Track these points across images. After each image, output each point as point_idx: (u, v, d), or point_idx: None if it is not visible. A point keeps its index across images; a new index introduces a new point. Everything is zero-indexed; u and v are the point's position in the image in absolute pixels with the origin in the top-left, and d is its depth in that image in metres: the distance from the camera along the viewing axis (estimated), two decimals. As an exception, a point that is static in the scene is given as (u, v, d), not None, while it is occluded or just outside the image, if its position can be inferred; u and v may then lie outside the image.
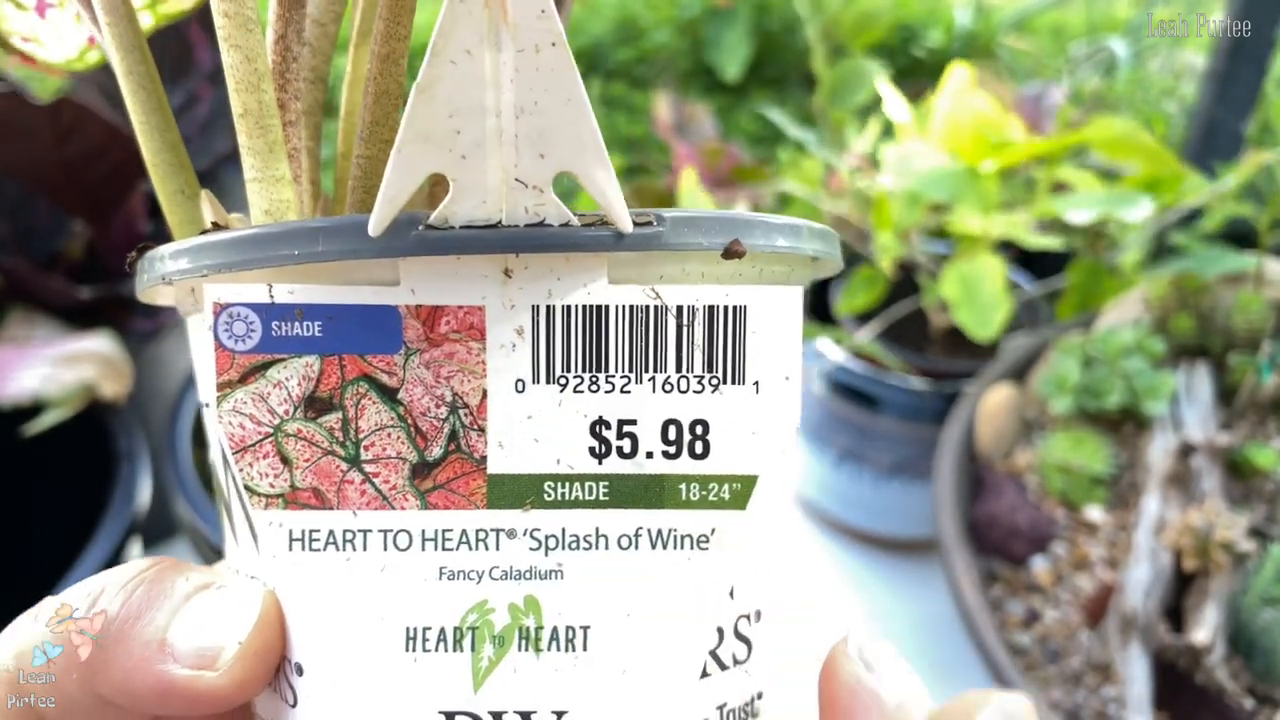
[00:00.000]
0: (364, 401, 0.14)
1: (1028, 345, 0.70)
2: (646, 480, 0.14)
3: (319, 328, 0.14)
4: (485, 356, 0.14)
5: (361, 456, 0.14)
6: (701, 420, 0.14)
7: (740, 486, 0.15)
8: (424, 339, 0.14)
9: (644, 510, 0.14)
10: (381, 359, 0.14)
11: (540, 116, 0.13)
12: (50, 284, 0.61)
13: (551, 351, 0.14)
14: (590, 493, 0.14)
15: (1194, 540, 0.53)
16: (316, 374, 0.14)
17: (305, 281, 0.14)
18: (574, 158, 0.13)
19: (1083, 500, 0.62)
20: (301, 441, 0.14)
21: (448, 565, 0.14)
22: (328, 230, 0.13)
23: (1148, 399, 0.63)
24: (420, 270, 0.13)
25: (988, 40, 1.26)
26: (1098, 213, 0.61)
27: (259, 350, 0.14)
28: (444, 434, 0.14)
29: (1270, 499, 0.60)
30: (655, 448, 0.14)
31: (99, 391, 0.57)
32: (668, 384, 0.14)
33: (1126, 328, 0.66)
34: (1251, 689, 0.51)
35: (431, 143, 0.13)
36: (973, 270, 0.63)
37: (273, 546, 0.14)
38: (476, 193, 0.13)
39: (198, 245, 0.14)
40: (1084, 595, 0.58)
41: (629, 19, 1.41)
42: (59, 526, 0.55)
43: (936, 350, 0.79)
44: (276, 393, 0.14)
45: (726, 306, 0.14)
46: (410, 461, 0.14)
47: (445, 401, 0.14)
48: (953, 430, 0.64)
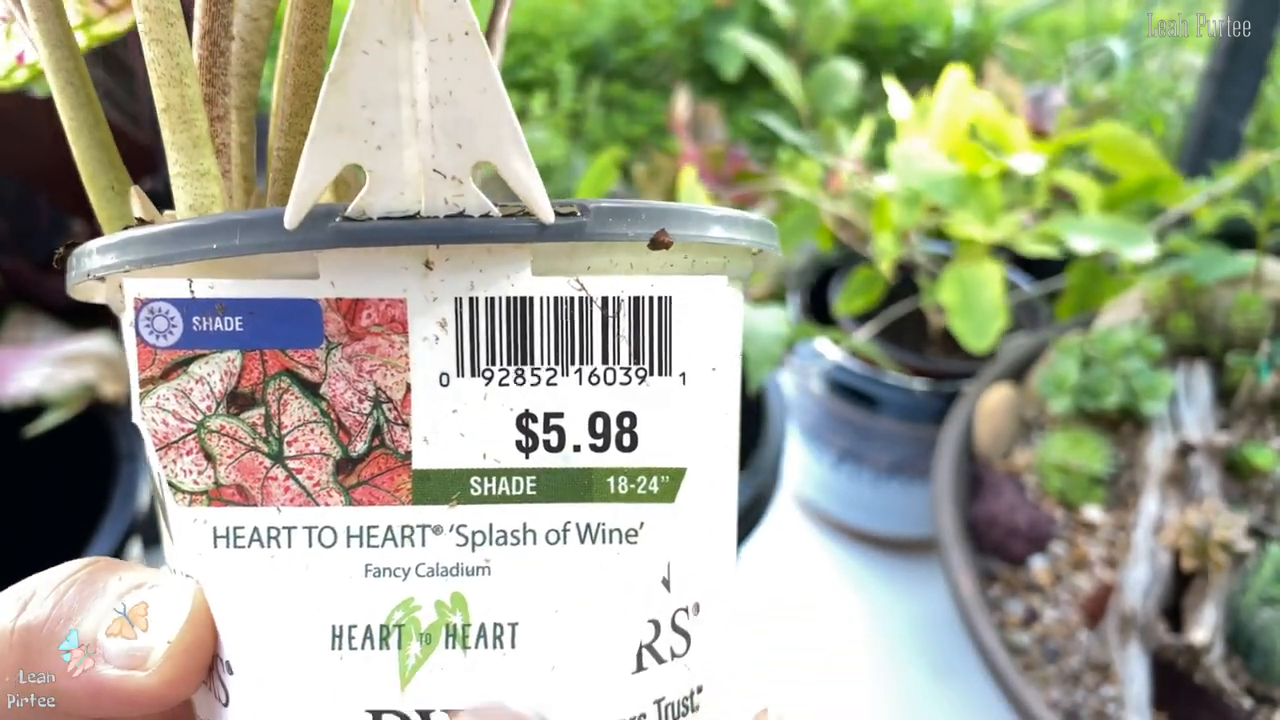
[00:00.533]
0: (286, 396, 0.14)
1: (1026, 345, 0.70)
2: (574, 474, 0.14)
3: (240, 322, 0.13)
4: (408, 350, 0.14)
5: (285, 453, 0.14)
6: (629, 413, 0.14)
7: (669, 479, 0.15)
8: (345, 332, 0.14)
9: (572, 504, 0.14)
10: (303, 353, 0.13)
11: (456, 106, 0.13)
12: (50, 284, 0.62)
13: (476, 344, 0.14)
14: (517, 487, 0.14)
15: (1193, 540, 0.53)
16: (238, 369, 0.14)
17: (225, 276, 0.13)
18: (492, 148, 0.13)
19: (1081, 500, 0.62)
20: (224, 438, 0.14)
21: (373, 562, 0.14)
22: (245, 223, 0.13)
23: (1146, 399, 0.63)
24: (339, 263, 0.13)
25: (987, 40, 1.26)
26: (1101, 244, 0.61)
27: (180, 346, 0.14)
28: (368, 429, 0.14)
29: (1269, 499, 0.60)
30: (583, 441, 0.14)
31: (99, 392, 0.57)
32: (594, 376, 0.14)
33: (1125, 328, 0.67)
34: (1250, 688, 0.51)
35: (346, 133, 0.13)
36: (972, 276, 0.63)
37: (198, 544, 0.14)
38: (394, 184, 0.13)
39: (121, 241, 0.14)
40: (1083, 595, 0.58)
41: (629, 19, 1.41)
42: (60, 526, 0.55)
43: (935, 350, 0.79)
44: (199, 388, 0.14)
45: (651, 298, 0.14)
46: (334, 457, 0.14)
47: (368, 396, 0.14)
48: (951, 430, 0.64)
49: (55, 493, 0.61)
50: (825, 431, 0.79)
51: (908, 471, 0.76)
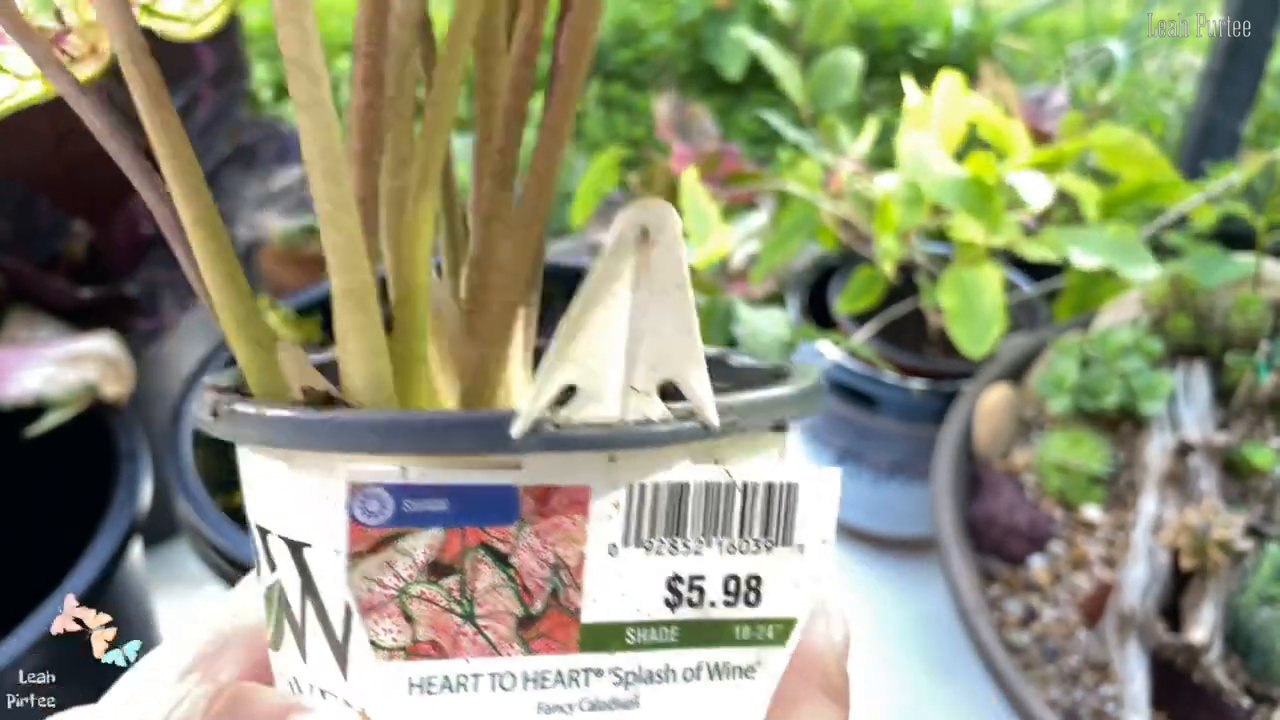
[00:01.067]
0: (480, 565, 0.16)
1: (1025, 345, 0.70)
2: (710, 625, 0.17)
3: (445, 504, 0.15)
4: (587, 526, 0.16)
5: (475, 613, 0.16)
6: (756, 575, 0.17)
7: (783, 627, 0.18)
8: (536, 512, 0.16)
9: (706, 649, 0.17)
10: (498, 530, 0.16)
11: (660, 340, 0.16)
12: (52, 285, 0.62)
13: (641, 521, 0.16)
14: (664, 636, 0.17)
15: (1191, 539, 0.53)
16: (440, 543, 0.16)
17: (435, 464, 0.15)
18: (679, 369, 0.16)
19: (1080, 499, 0.62)
20: (424, 602, 0.16)
21: (544, 701, 0.16)
22: (468, 425, 0.15)
23: (1145, 399, 0.63)
24: (540, 459, 0.16)
25: (986, 41, 1.26)
26: (1102, 261, 0.62)
27: (390, 524, 0.15)
28: (546, 591, 0.16)
29: (1267, 498, 0.61)
30: (718, 598, 0.17)
31: (101, 392, 0.57)
32: (731, 547, 0.17)
33: (1124, 327, 0.67)
34: (1249, 688, 0.51)
35: (573, 362, 0.15)
36: (972, 280, 0.64)
37: (392, 692, 0.16)
38: (598, 398, 0.16)
39: (333, 423, 0.16)
40: (1082, 594, 0.58)
41: (628, 20, 1.41)
42: (61, 526, 0.55)
43: (934, 350, 0.79)
44: (403, 560, 0.15)
45: (781, 484, 0.17)
46: (517, 615, 0.16)
47: (549, 563, 0.16)
48: (950, 430, 0.64)
49: (56, 493, 0.61)
50: (824, 431, 0.79)
51: (907, 471, 0.76)
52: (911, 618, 0.75)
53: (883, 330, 0.76)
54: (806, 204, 0.73)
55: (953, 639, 0.56)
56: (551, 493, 0.16)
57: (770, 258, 0.74)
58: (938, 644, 0.72)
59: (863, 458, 0.77)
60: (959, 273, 0.65)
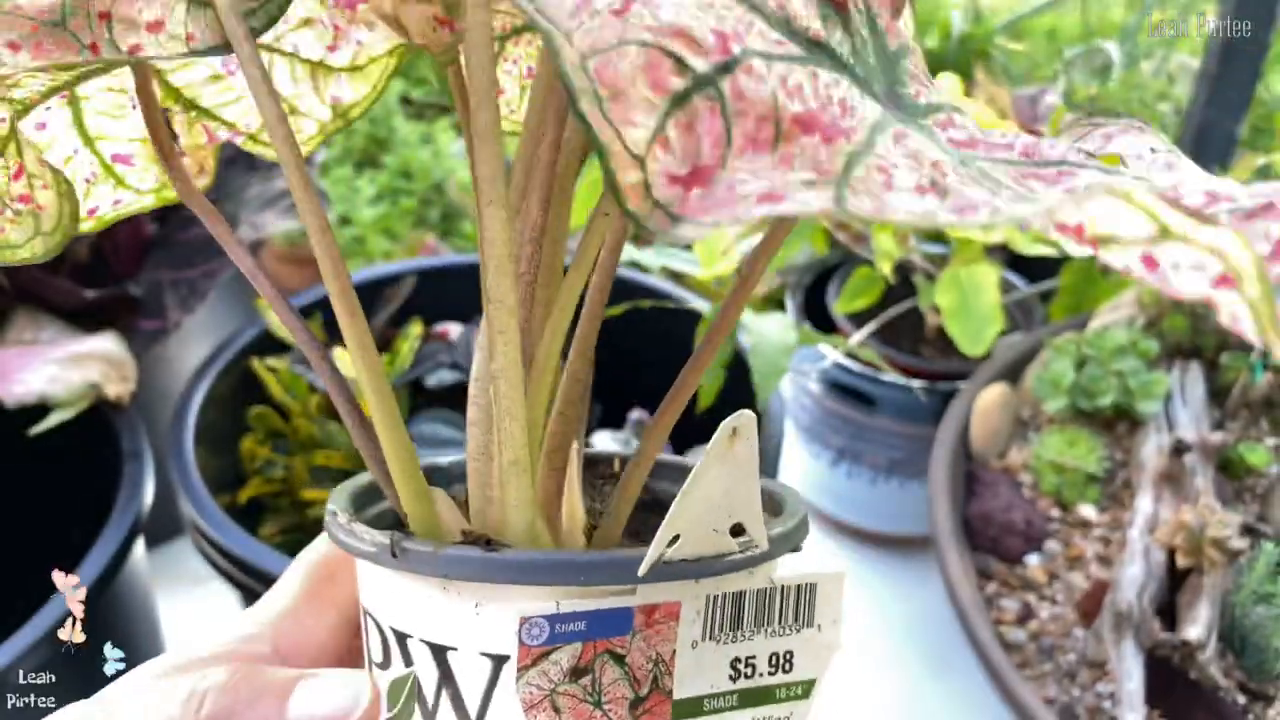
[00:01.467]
0: (606, 666, 0.21)
1: (1022, 345, 0.71)
2: (760, 689, 0.23)
3: (585, 625, 0.21)
4: (678, 629, 0.22)
5: (603, 701, 0.21)
6: (790, 650, 0.23)
7: (808, 685, 0.24)
8: (644, 625, 0.21)
9: (757, 707, 0.23)
10: (619, 639, 0.21)
11: (733, 499, 0.21)
12: (56, 286, 0.62)
13: (713, 622, 0.22)
14: (728, 702, 0.23)
15: (1187, 538, 0.53)
16: (579, 653, 0.21)
17: (576, 596, 0.21)
18: (745, 517, 0.21)
19: (1076, 498, 0.63)
20: (568, 698, 0.21)
21: None
22: (608, 565, 0.21)
23: (1141, 398, 0.63)
24: (651, 586, 0.21)
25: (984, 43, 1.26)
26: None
27: (545, 644, 0.21)
28: (649, 679, 0.22)
29: (1262, 497, 0.61)
30: (765, 670, 0.23)
31: (104, 392, 0.57)
32: (773, 631, 0.23)
33: (1120, 328, 0.67)
34: (1243, 685, 0.52)
35: (681, 522, 0.20)
36: (969, 279, 0.64)
37: None
38: (691, 541, 0.21)
39: (511, 562, 0.21)
40: (1078, 592, 0.58)
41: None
42: (65, 524, 0.55)
43: (931, 350, 0.80)
44: (554, 669, 0.21)
45: (805, 585, 0.23)
46: (629, 699, 0.22)
47: (650, 659, 0.22)
48: (947, 429, 0.65)
49: (60, 492, 0.61)
50: (823, 430, 0.79)
51: (904, 470, 0.77)
52: (909, 615, 0.75)
53: (880, 330, 0.76)
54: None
55: (950, 636, 0.56)
56: (654, 609, 0.21)
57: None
58: (935, 641, 0.73)
59: (861, 456, 0.78)
60: (956, 272, 0.65)
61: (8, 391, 0.54)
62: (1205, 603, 0.52)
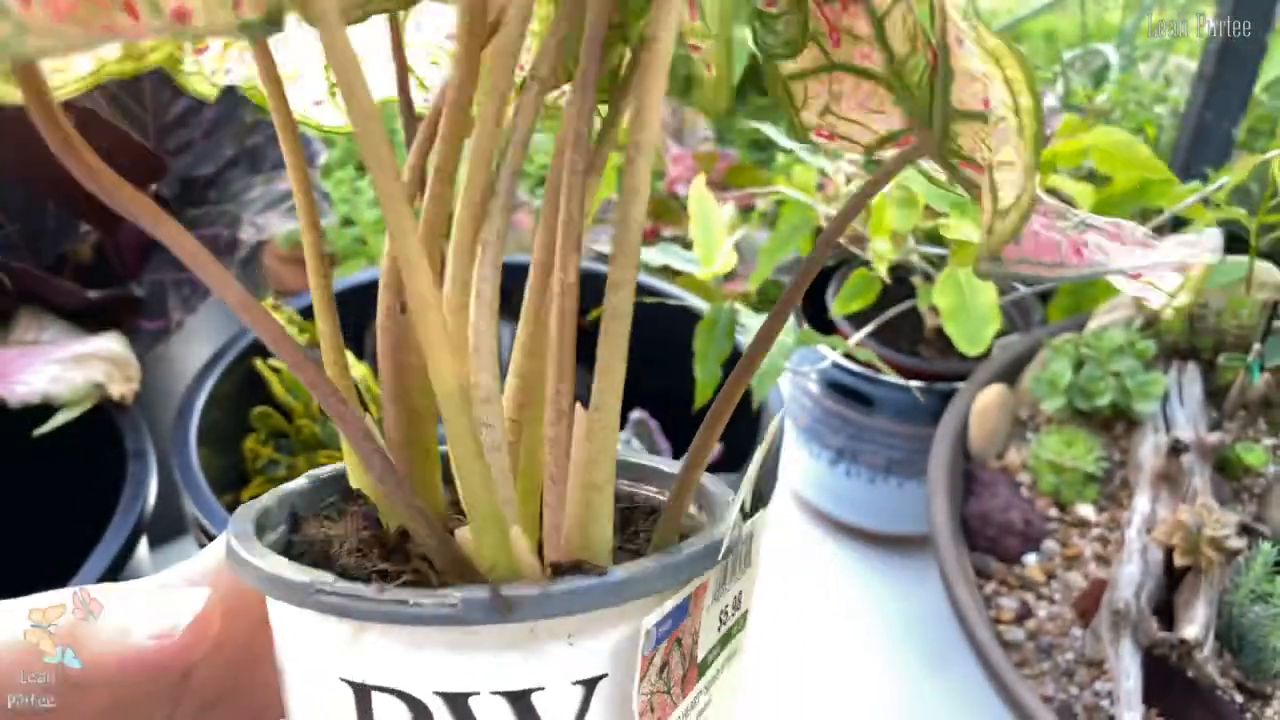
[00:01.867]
0: (673, 654, 0.23)
1: (1020, 346, 0.71)
2: (728, 633, 0.26)
3: (671, 623, 0.22)
4: (705, 602, 0.24)
5: (670, 687, 0.23)
6: (740, 591, 0.26)
7: (745, 617, 0.27)
8: (694, 606, 0.23)
9: (724, 649, 0.26)
10: (684, 625, 0.23)
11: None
12: (59, 286, 0.62)
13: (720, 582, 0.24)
14: (715, 652, 0.25)
15: (1184, 537, 0.54)
16: (666, 650, 0.23)
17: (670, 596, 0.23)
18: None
19: (1074, 498, 0.63)
20: (659, 695, 0.23)
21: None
22: (692, 561, 0.22)
23: (1139, 398, 0.64)
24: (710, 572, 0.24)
25: (983, 45, 1.27)
26: None
27: (653, 650, 0.22)
28: (690, 654, 0.24)
29: (1259, 497, 0.61)
30: (731, 613, 0.26)
31: (107, 392, 0.58)
32: (736, 577, 0.25)
33: (1118, 328, 0.67)
34: (1241, 684, 0.52)
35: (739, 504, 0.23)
36: (968, 278, 0.64)
37: None
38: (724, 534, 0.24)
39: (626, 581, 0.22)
40: (1076, 591, 0.59)
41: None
42: (69, 524, 0.56)
43: (930, 350, 0.80)
44: (653, 672, 0.23)
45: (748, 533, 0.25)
46: (682, 676, 0.24)
47: (692, 635, 0.24)
48: (946, 429, 0.65)
49: (64, 492, 0.61)
50: (822, 430, 0.80)
51: (903, 470, 0.77)
52: (908, 614, 0.75)
53: (879, 331, 0.77)
54: (803, 208, 0.74)
55: (948, 635, 0.57)
56: (702, 590, 0.23)
57: (769, 260, 0.75)
58: (933, 640, 0.73)
59: (859, 456, 0.78)
60: (954, 272, 0.65)
61: (11, 392, 0.55)
62: (1203, 602, 0.53)
